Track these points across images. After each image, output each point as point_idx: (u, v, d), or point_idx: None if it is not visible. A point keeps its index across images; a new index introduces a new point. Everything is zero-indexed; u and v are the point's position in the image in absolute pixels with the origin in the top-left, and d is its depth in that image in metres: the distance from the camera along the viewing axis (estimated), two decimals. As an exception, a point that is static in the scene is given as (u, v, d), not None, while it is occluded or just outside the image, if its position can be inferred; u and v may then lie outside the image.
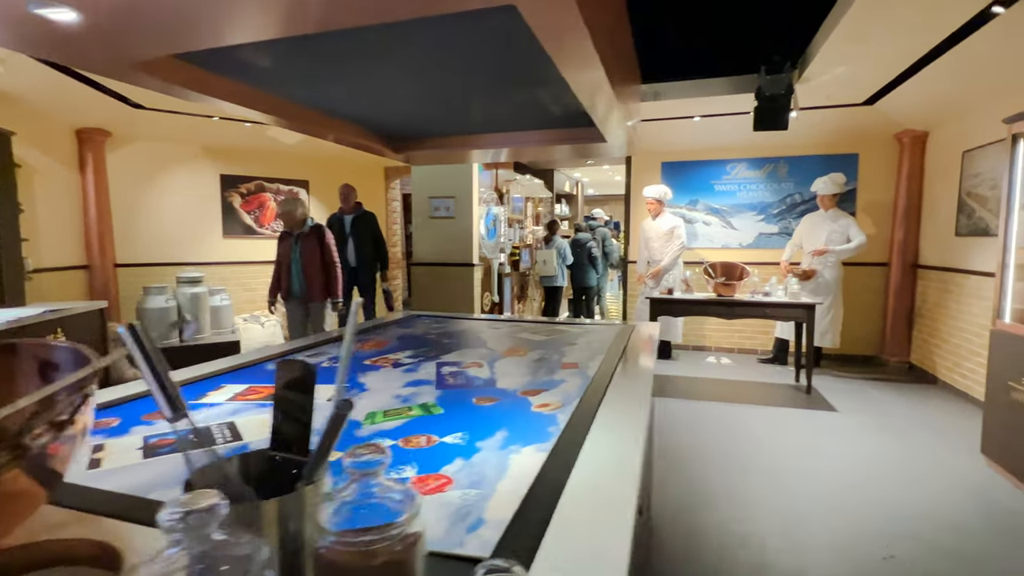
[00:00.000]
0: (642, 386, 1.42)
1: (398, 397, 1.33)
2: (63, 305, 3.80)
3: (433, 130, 2.26)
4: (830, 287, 5.04)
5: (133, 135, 5.34)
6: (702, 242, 6.03)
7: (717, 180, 5.92)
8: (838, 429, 3.63)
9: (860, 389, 4.58)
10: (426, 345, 1.99)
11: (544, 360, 1.73)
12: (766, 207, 5.79)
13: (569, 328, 2.37)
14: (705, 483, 2.81)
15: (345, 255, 4.90)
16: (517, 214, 6.69)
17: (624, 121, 1.96)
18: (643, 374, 1.55)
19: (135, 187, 5.46)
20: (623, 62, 1.76)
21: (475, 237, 5.47)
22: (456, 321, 2.58)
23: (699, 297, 4.64)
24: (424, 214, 5.56)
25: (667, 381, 4.81)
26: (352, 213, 5.09)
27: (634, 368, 1.64)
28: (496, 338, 2.14)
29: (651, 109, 5.09)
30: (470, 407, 1.26)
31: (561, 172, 8.83)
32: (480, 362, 1.70)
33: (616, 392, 1.36)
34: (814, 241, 5.08)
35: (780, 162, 5.70)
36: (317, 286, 4.20)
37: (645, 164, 6.16)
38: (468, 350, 1.89)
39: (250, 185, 6.19)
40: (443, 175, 5.44)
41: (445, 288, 5.53)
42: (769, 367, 5.35)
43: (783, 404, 4.15)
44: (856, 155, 5.48)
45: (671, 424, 3.70)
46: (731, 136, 5.59)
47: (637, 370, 1.61)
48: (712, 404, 4.14)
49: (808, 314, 4.33)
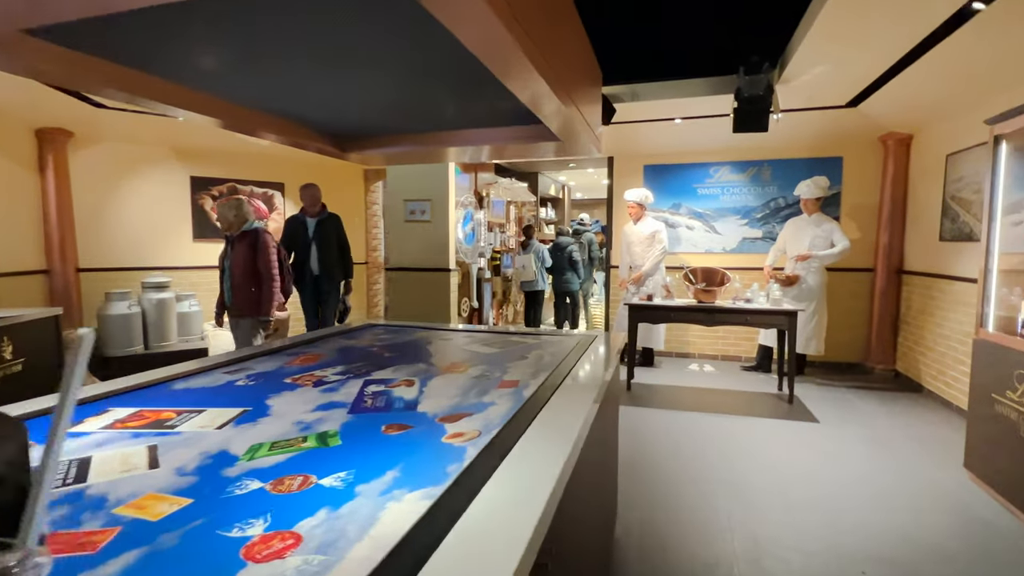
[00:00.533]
0: (580, 408, 1.27)
1: (299, 424, 1.18)
2: (11, 312, 3.62)
3: (379, 129, 2.11)
4: (814, 293, 4.93)
5: (97, 136, 5.16)
6: (685, 247, 5.91)
7: (700, 183, 5.81)
8: (818, 442, 3.49)
9: (843, 398, 4.46)
10: (364, 359, 1.84)
11: (483, 377, 1.58)
12: (750, 211, 5.68)
13: (527, 339, 2.22)
14: (676, 500, 2.66)
15: (307, 263, 4.50)
16: (499, 218, 6.55)
17: (578, 120, 1.83)
18: (586, 394, 1.41)
19: (100, 189, 5.28)
20: (571, 61, 1.63)
21: (452, 241, 5.33)
22: (411, 332, 2.43)
23: (678, 303, 4.51)
24: (399, 218, 5.41)
25: (646, 390, 4.67)
26: (317, 216, 4.56)
27: (579, 387, 1.49)
28: (444, 351, 1.99)
29: (631, 111, 4.97)
30: (374, 437, 1.11)
31: (546, 175, 8.71)
32: (413, 379, 1.56)
33: (549, 415, 1.22)
34: (798, 246, 4.97)
35: (764, 165, 5.59)
36: (243, 299, 3.57)
37: (627, 167, 6.04)
38: (406, 365, 1.74)
39: (223, 187, 6.02)
40: (419, 177, 5.30)
41: (421, 294, 5.38)
42: (752, 375, 5.23)
43: (764, 414, 4.02)
44: (840, 158, 5.38)
45: (646, 436, 3.56)
46: (714, 139, 5.48)
47: (581, 389, 1.46)
48: (690, 415, 4.01)
49: (790, 321, 4.21)
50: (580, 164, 7.21)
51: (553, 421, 1.19)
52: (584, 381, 1.57)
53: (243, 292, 3.56)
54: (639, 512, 2.56)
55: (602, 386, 1.53)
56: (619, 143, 5.80)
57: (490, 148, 2.18)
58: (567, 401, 1.34)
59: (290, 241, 4.48)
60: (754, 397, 4.50)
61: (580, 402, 1.33)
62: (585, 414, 1.24)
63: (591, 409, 1.30)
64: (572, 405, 1.31)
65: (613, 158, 6.09)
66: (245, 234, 3.59)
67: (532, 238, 7.08)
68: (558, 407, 1.29)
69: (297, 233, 4.51)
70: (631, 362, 4.71)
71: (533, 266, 6.95)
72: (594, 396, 1.39)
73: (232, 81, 1.52)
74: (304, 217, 4.57)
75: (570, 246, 6.99)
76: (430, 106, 1.81)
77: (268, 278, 3.55)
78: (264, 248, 3.57)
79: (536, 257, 6.99)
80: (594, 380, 1.58)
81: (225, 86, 1.55)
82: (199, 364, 1.70)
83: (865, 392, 4.63)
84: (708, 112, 4.92)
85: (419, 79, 1.53)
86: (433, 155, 2.24)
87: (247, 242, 3.56)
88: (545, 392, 1.41)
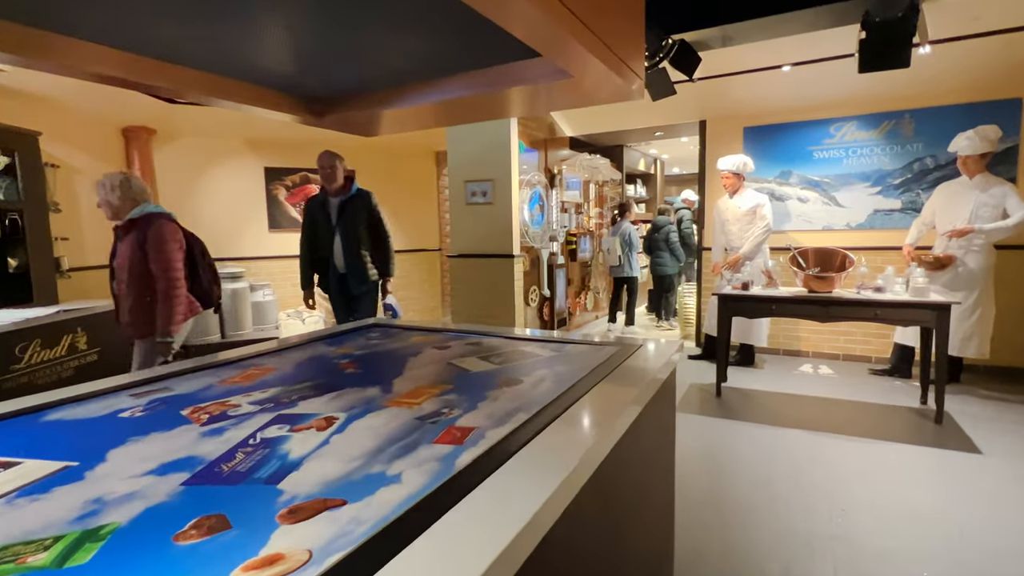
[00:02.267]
0: (538, 492, 0.74)
1: (94, 503, 0.78)
2: (80, 304, 3.76)
3: (353, 84, 1.68)
4: (975, 279, 3.79)
5: (177, 131, 5.35)
6: (797, 223, 4.91)
7: (817, 146, 4.76)
8: (979, 482, 2.57)
9: (1016, 419, 3.36)
10: (317, 378, 1.43)
11: (432, 418, 1.10)
12: (884, 176, 4.55)
13: (546, 350, 1.70)
14: (764, 559, 2.00)
15: (332, 258, 3.47)
16: (574, 197, 5.95)
17: (596, 46, 1.25)
18: (564, 460, 0.86)
19: (181, 183, 5.49)
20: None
21: (515, 224, 4.85)
22: (408, 336, 2.00)
23: (782, 294, 3.66)
24: (460, 201, 5.04)
25: (742, 398, 3.89)
26: (340, 194, 3.45)
27: (563, 445, 0.95)
28: (423, 367, 1.53)
29: (723, 60, 4.12)
30: (155, 549, 0.67)
31: (633, 148, 7.88)
32: (336, 417, 1.11)
33: (481, 505, 0.71)
34: (953, 218, 3.84)
35: (904, 117, 4.42)
36: (133, 313, 2.58)
37: (723, 131, 5.13)
38: (354, 391, 1.30)
39: (295, 177, 6.04)
40: (479, 155, 4.87)
41: (484, 283, 4.99)
42: (885, 381, 4.19)
43: (899, 437, 3.11)
44: (1019, 100, 4.07)
45: (733, 461, 2.86)
46: (834, 87, 4.42)
47: (561, 451, 0.92)
48: (795, 434, 3.20)
49: (939, 317, 3.21)
50: (670, 132, 6.34)
51: (484, 515, 0.68)
52: (583, 433, 1.02)
53: (132, 303, 2.58)
54: (713, 566, 1.94)
55: (605, 437, 0.98)
56: (711, 102, 4.92)
57: (494, 99, 1.65)
58: (522, 478, 0.81)
59: (309, 230, 3.56)
60: (886, 412, 3.54)
61: (547, 477, 0.79)
62: (546, 498, 0.71)
63: (565, 486, 0.77)
64: (526, 487, 0.78)
65: (705, 121, 5.21)
66: (133, 222, 2.59)
67: (624, 218, 6.42)
68: (502, 489, 0.77)
69: (316, 219, 3.50)
70: (723, 362, 3.94)
71: (618, 249, 6.29)
72: (575, 463, 0.85)
73: (172, 36, 1.17)
74: (325, 197, 3.50)
75: (667, 225, 6.21)
76: (407, 45, 1.33)
77: (166, 284, 2.54)
78: (159, 241, 2.53)
79: (623, 240, 6.32)
80: (593, 430, 1.02)
81: (160, 43, 1.21)
82: (110, 383, 1.39)
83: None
84: (825, 54, 3.94)
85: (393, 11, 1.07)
86: (422, 117, 1.77)
87: (135, 234, 2.57)
88: (497, 456, 0.89)
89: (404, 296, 6.77)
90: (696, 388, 4.11)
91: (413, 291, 6.84)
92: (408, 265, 6.78)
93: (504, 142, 4.71)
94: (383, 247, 3.59)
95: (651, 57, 3.64)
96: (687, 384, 4.22)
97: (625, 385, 1.31)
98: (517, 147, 4.81)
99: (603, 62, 1.29)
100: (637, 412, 1.22)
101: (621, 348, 1.64)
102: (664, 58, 3.63)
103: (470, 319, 5.08)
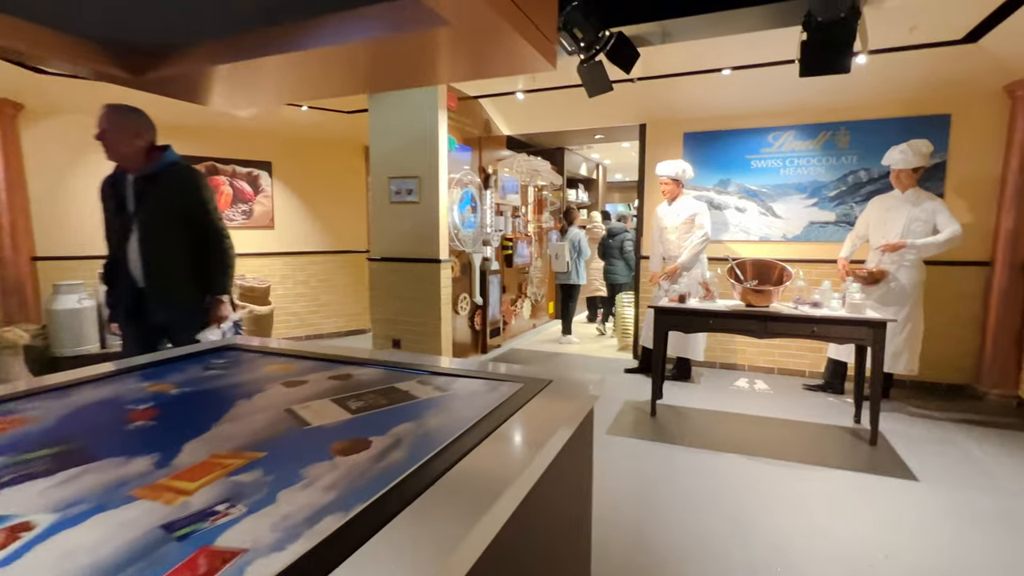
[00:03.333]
0: None
1: None
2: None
3: (169, 32, 1.25)
4: (906, 294, 3.73)
5: (50, 107, 4.60)
6: (734, 233, 4.78)
7: (755, 154, 4.65)
8: (919, 516, 2.40)
9: (948, 438, 3.28)
10: (78, 437, 0.99)
11: (185, 528, 0.70)
12: (820, 188, 4.48)
13: (430, 388, 1.32)
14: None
15: (125, 263, 2.28)
16: (511, 200, 5.62)
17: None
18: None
19: (57, 168, 4.73)
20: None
21: (443, 226, 4.46)
22: (274, 365, 1.57)
23: (720, 308, 3.45)
24: (384, 199, 4.59)
25: (676, 417, 3.65)
26: (140, 170, 2.25)
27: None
28: (246, 418, 1.11)
29: (665, 58, 3.90)
30: None
31: (575, 152, 7.66)
32: (29, 525, 0.69)
33: None
34: (886, 232, 3.77)
35: (840, 129, 4.37)
36: None
37: (662, 136, 4.95)
38: (106, 466, 0.88)
39: (201, 167, 5.38)
40: (405, 150, 4.45)
41: (408, 290, 4.56)
42: (819, 397, 4.09)
43: (834, 463, 2.94)
44: (947, 116, 4.09)
45: (667, 496, 2.58)
46: (774, 95, 4.32)
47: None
48: (732, 460, 2.98)
49: (876, 335, 3.08)
50: (611, 135, 6.14)
51: None
52: (410, 554, 0.64)
53: None
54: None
55: (469, 545, 0.61)
56: (651, 104, 4.72)
57: (357, 57, 1.27)
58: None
59: (107, 222, 2.37)
60: (822, 433, 3.40)
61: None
62: None
63: None
64: None
65: (645, 125, 5.01)
66: None
67: (572, 224, 6.21)
68: None
69: (107, 206, 2.33)
70: (659, 379, 3.70)
71: (567, 255, 6.05)
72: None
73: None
74: (121, 174, 2.28)
75: (623, 232, 5.99)
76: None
77: None
78: None
79: (572, 246, 6.10)
80: (451, 534, 0.65)
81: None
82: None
83: (980, 430, 3.42)
84: (766, 58, 3.79)
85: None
86: (270, 84, 1.36)
87: None
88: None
89: (327, 301, 6.22)
90: (630, 407, 3.85)
91: (337, 295, 6.30)
92: (332, 268, 6.24)
93: (431, 136, 4.31)
94: (213, 251, 2.35)
95: (587, 49, 3.35)
96: (621, 401, 3.96)
97: (516, 448, 0.95)
98: (446, 142, 4.43)
99: (498, 18, 0.94)
100: (527, 489, 0.86)
101: (524, 386, 1.29)
102: (600, 50, 3.35)
103: (392, 330, 4.63)
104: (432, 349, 4.47)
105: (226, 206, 5.54)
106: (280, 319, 5.86)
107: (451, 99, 4.50)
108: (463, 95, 4.74)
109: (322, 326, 6.25)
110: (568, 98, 4.67)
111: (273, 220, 5.85)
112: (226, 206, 5.54)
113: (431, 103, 4.27)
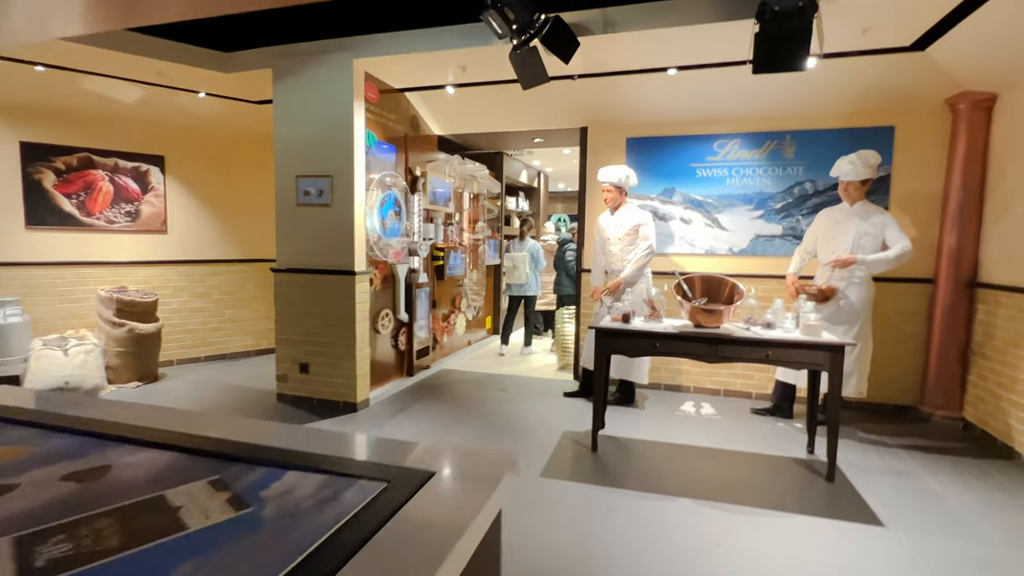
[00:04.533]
0: None
1: None
2: None
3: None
4: (856, 312, 3.53)
5: None
6: (679, 246, 4.49)
7: (700, 162, 4.38)
8: (886, 571, 2.09)
9: (904, 469, 3.05)
10: None
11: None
12: (766, 199, 4.27)
13: (215, 503, 0.80)
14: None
15: None
16: (442, 206, 5.12)
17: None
18: None
19: None
20: None
21: (359, 233, 3.90)
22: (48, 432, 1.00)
23: (667, 329, 3.09)
24: (290, 200, 3.98)
25: (619, 451, 3.26)
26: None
27: None
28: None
29: (607, 56, 3.54)
30: None
31: (515, 159, 7.26)
32: None
33: None
34: (836, 247, 3.56)
35: (786, 138, 4.18)
36: None
37: (604, 140, 4.61)
38: None
39: (71, 159, 4.55)
40: (315, 144, 3.87)
41: (317, 305, 3.95)
42: (768, 422, 3.82)
43: (791, 505, 2.61)
44: (891, 128, 3.96)
45: (608, 557, 2.14)
46: (720, 101, 4.06)
47: None
48: (680, 505, 2.59)
49: (834, 360, 2.80)
50: (550, 139, 5.76)
51: None
52: None
53: None
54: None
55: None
56: (593, 105, 4.37)
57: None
58: None
59: None
60: (775, 467, 3.09)
61: None
62: None
63: None
64: None
65: (587, 128, 4.66)
66: None
67: (528, 233, 6.13)
68: None
69: None
70: (600, 408, 3.29)
71: (526, 266, 5.79)
72: None
73: None
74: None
75: (568, 243, 5.67)
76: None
77: None
78: None
79: (531, 256, 5.94)
80: None
81: None
82: None
83: (933, 458, 3.22)
84: (713, 58, 3.50)
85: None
86: None
87: None
88: None
89: (232, 317, 5.47)
90: (569, 440, 3.42)
91: (244, 310, 5.55)
92: (238, 278, 5.50)
93: (344, 129, 3.76)
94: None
95: (520, 33, 2.92)
96: (559, 433, 3.53)
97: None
98: (363, 138, 3.88)
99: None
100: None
101: (393, 483, 0.79)
102: (535, 35, 2.94)
103: (299, 351, 4.01)
104: (346, 373, 3.88)
105: (104, 206, 4.72)
106: (172, 338, 5.06)
107: (370, 89, 3.96)
108: (386, 87, 4.21)
109: (226, 345, 5.47)
110: (504, 94, 4.25)
111: (166, 223, 5.06)
112: (104, 206, 4.72)
113: (345, 91, 3.72)
